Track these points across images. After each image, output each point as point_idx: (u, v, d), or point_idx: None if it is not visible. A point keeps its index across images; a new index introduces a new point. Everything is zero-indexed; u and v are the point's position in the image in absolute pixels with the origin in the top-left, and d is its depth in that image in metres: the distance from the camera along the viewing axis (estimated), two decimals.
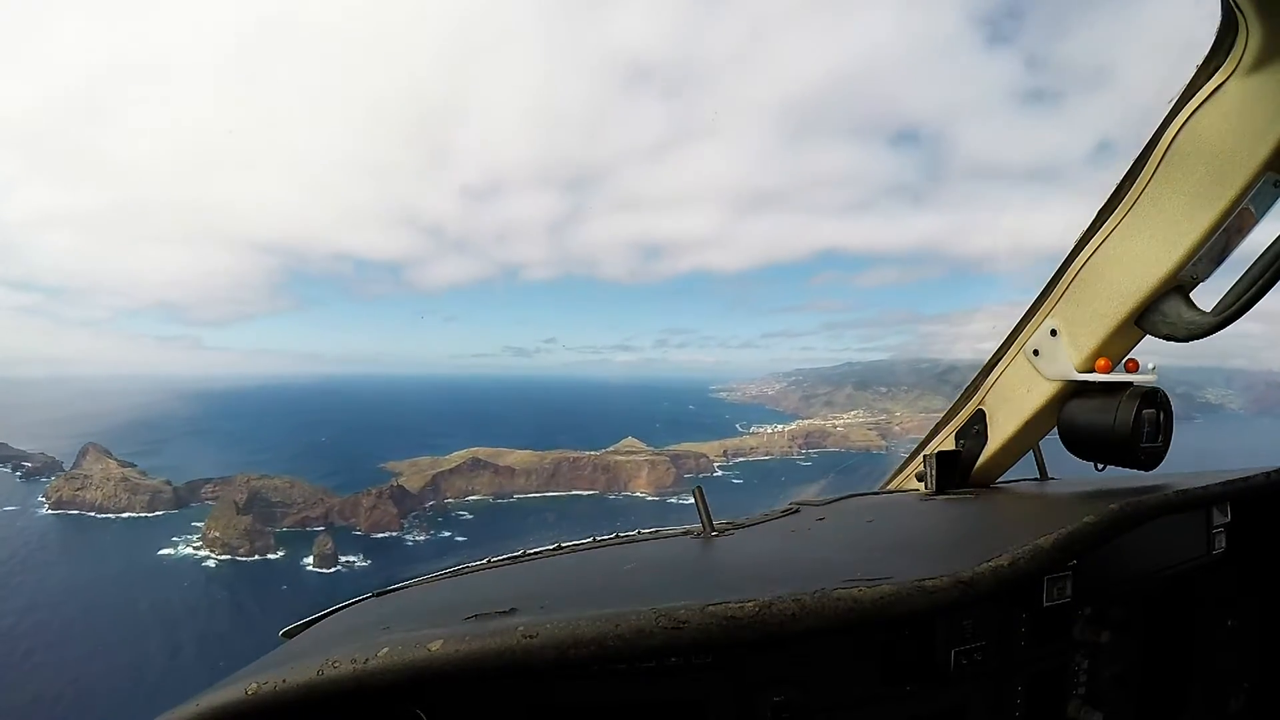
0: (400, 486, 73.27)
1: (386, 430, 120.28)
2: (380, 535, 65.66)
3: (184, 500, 71.48)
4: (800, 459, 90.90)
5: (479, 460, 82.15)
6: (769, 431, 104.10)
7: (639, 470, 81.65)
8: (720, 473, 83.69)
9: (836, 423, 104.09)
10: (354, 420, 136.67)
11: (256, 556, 61.57)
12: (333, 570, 57.75)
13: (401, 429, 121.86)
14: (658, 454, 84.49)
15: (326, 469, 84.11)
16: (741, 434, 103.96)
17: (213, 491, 71.35)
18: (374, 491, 70.38)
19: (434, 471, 79.04)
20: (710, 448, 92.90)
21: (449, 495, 76.91)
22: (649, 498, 77.30)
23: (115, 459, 75.35)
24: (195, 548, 62.40)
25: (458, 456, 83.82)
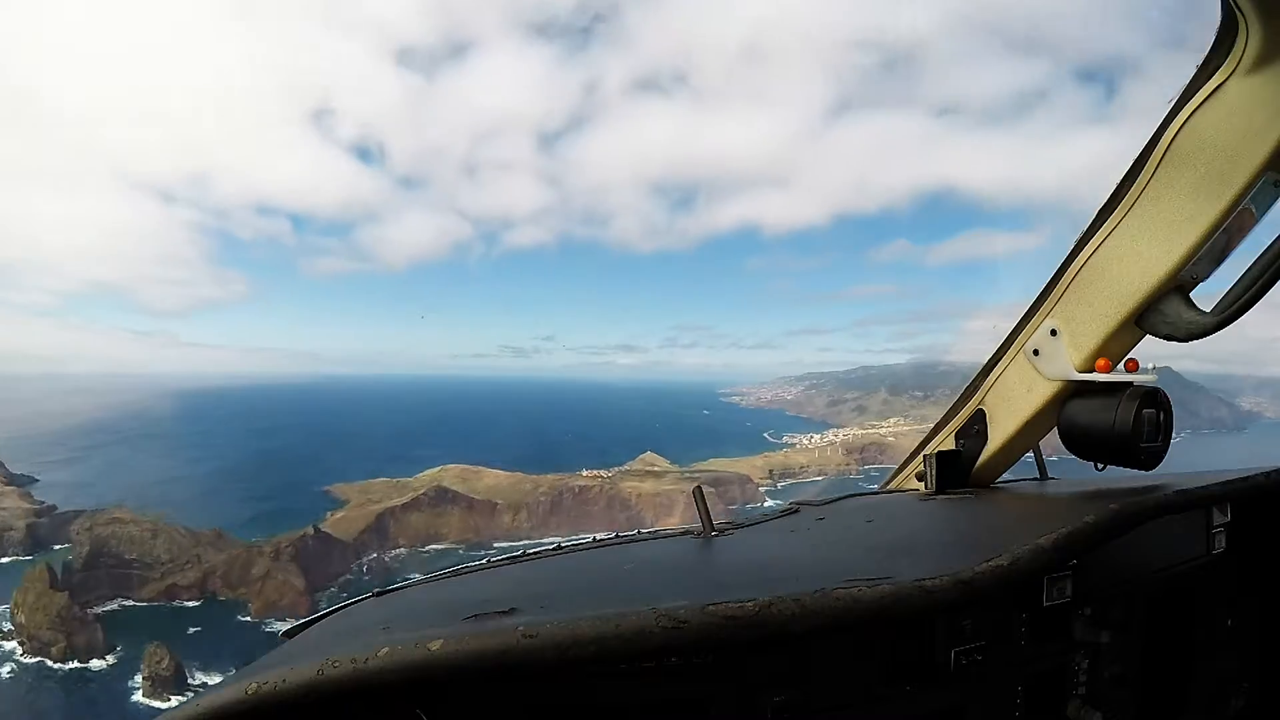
0: (322, 535, 50.63)
1: (354, 439, 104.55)
2: (278, 626, 34.27)
3: (44, 541, 50.28)
4: (862, 480, 73.44)
5: (445, 491, 60.48)
6: (809, 444, 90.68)
7: (669, 504, 61.59)
8: (771, 501, 63.30)
9: (880, 430, 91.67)
10: (321, 426, 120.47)
11: (73, 664, 38.25)
12: (171, 705, 21.37)
13: (371, 437, 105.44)
14: (687, 475, 66.95)
15: (261, 490, 68.61)
16: (773, 444, 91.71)
17: (83, 530, 48.14)
18: (272, 549, 46.66)
19: (383, 507, 56.65)
20: (750, 466, 76.39)
21: (399, 543, 55.51)
22: None
23: (2, 474, 56.75)
24: (3, 635, 40.32)
25: (425, 479, 64.30)
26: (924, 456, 1.99)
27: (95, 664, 38.90)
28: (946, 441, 2.04)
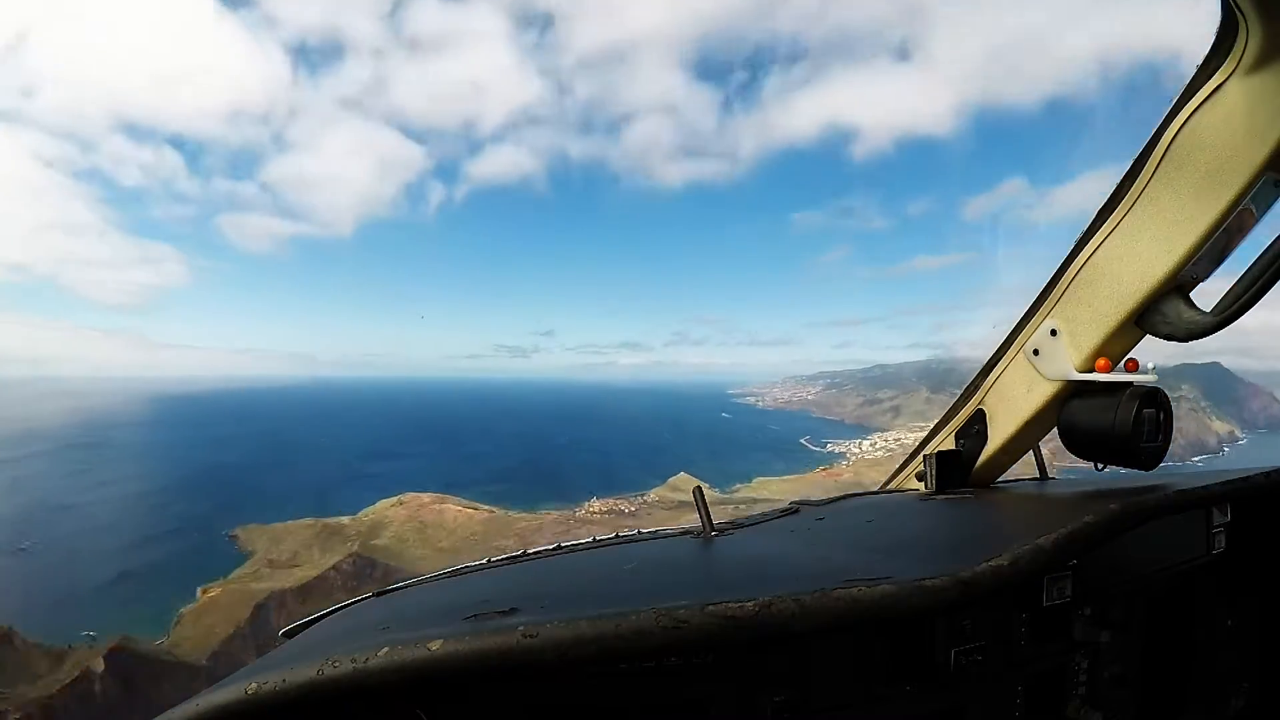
0: (135, 661, 28.58)
1: (315, 452, 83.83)
2: None
3: None
4: None
5: (370, 564, 40.97)
6: (860, 453, 75.98)
7: None
8: None
9: None
10: (284, 435, 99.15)
11: None
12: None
13: (335, 450, 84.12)
14: (740, 506, 39.98)
15: (155, 528, 51.87)
16: (817, 454, 77.11)
17: None
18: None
19: (270, 589, 36.93)
20: (812, 486, 55.01)
21: None
22: None
23: None
24: None
25: (369, 519, 48.51)
26: (924, 456, 2.00)
27: None
28: (946, 441, 2.05)
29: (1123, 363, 1.60)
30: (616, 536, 1.75)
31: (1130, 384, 1.56)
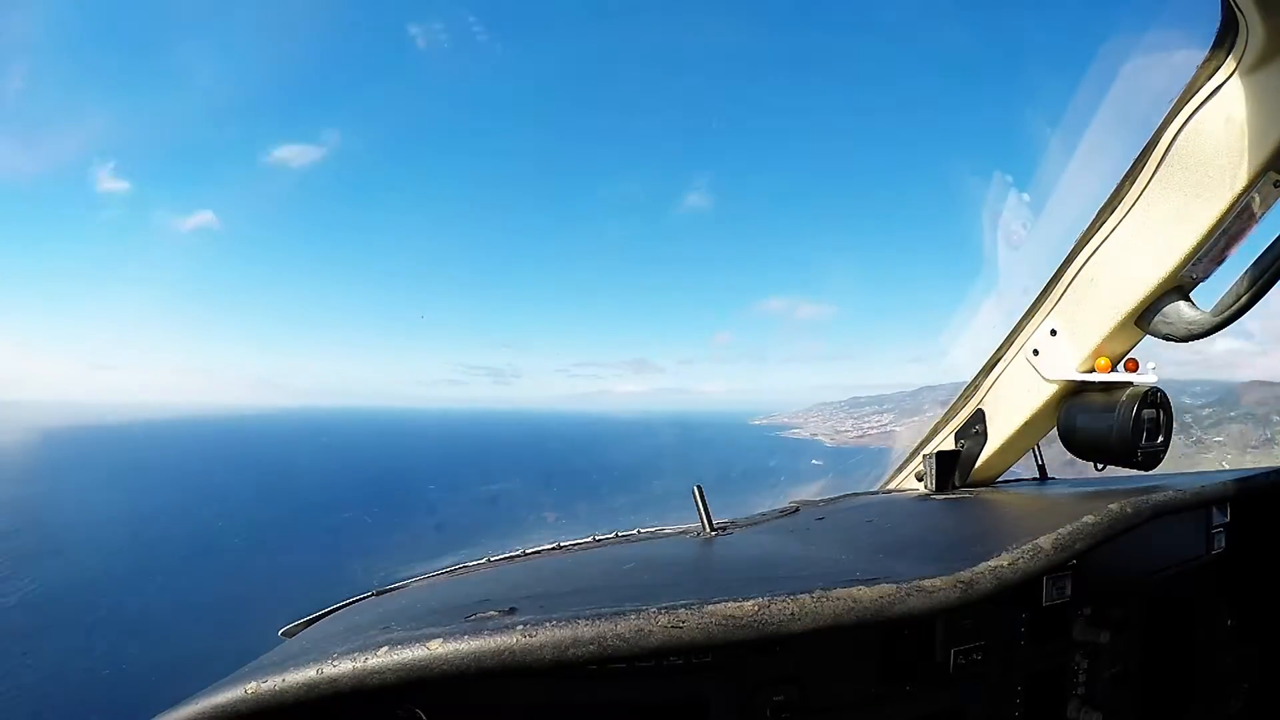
0: None
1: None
2: None
3: None
4: None
5: None
6: None
7: None
8: None
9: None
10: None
11: None
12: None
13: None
14: None
15: None
16: None
17: None
18: None
19: None
20: None
21: None
22: None
23: None
24: None
25: None
26: (924, 456, 2.00)
27: None
28: (946, 441, 2.05)
29: (1123, 363, 1.60)
30: (616, 536, 1.75)
31: (1130, 384, 1.57)
